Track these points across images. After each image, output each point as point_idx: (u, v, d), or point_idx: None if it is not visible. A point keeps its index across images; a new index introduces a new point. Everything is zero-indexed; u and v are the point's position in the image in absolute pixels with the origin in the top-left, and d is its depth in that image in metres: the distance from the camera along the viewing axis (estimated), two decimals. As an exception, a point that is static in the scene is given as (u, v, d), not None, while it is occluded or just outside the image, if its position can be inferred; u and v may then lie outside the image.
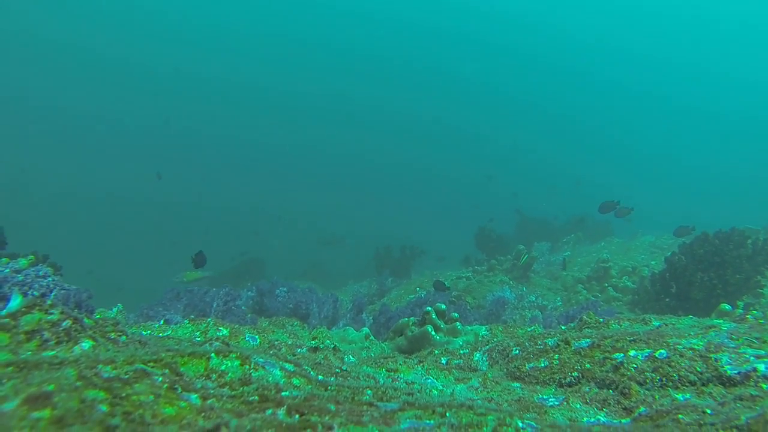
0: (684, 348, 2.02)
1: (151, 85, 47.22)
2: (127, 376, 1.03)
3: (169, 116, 43.03)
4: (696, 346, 2.02)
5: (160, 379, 1.12)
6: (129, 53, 45.12)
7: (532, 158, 49.28)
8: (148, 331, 3.11)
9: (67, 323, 1.35)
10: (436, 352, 3.08)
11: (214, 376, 1.33)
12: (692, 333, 2.25)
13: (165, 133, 45.50)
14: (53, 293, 2.92)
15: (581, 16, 49.96)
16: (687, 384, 1.84)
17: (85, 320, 1.45)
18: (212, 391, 1.20)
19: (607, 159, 52.10)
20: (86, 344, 1.34)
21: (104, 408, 0.85)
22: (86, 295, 3.10)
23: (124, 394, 0.93)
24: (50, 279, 3.02)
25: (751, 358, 1.83)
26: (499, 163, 48.75)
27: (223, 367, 1.37)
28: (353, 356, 2.88)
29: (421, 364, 2.35)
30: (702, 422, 1.39)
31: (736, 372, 1.78)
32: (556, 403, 1.86)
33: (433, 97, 52.59)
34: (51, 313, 1.34)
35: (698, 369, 1.87)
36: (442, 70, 52.70)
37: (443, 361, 2.83)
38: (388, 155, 49.92)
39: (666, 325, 2.76)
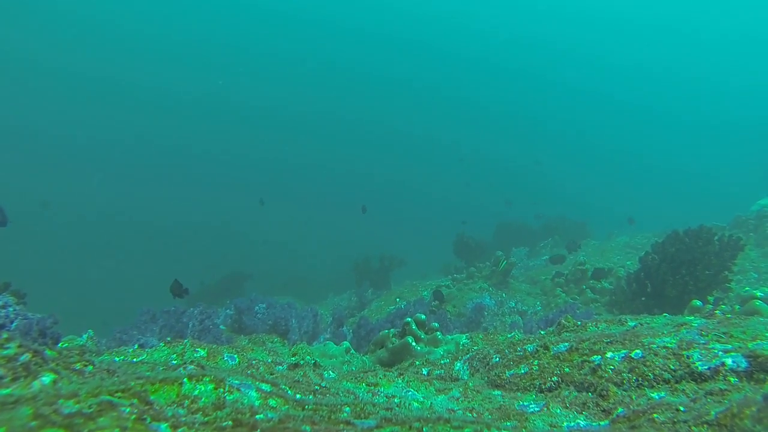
0: (658, 347, 2.06)
1: (134, 102, 46.35)
2: (90, 410, 0.99)
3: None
4: (669, 345, 2.06)
5: (128, 410, 1.07)
6: (108, 69, 44.24)
7: (507, 164, 50.12)
8: (121, 357, 3.01)
9: (26, 357, 1.29)
10: (417, 363, 3.06)
11: (186, 402, 1.29)
12: (666, 331, 2.30)
13: (144, 151, 44.70)
14: (14, 323, 2.79)
15: (559, 27, 51.31)
16: (662, 382, 1.88)
17: (47, 352, 1.39)
18: (184, 419, 1.16)
19: (580, 162, 53.41)
20: (47, 378, 1.28)
21: (63, 446, 0.81)
22: (51, 321, 2.97)
23: (86, 431, 0.89)
24: (11, 309, 2.88)
25: (720, 353, 1.88)
26: (476, 170, 49.49)
27: (196, 392, 1.33)
28: (333, 371, 2.84)
29: (402, 377, 2.33)
30: (676, 420, 1.41)
31: (706, 368, 1.83)
32: (537, 409, 1.87)
33: (410, 109, 53.12)
34: (7, 348, 1.28)
35: (672, 367, 1.91)
36: (420, 82, 53.31)
37: (424, 372, 2.82)
38: (366, 168, 50.06)
39: (641, 324, 2.82)
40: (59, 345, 3.25)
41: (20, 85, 41.16)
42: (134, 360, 2.92)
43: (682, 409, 1.49)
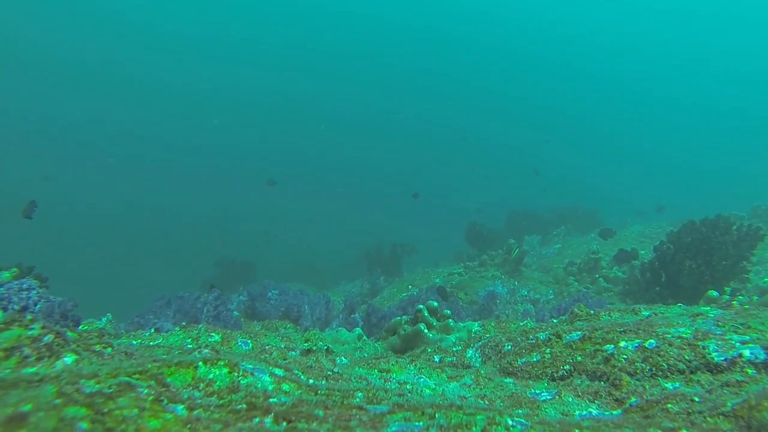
0: (673, 337, 2.04)
1: (145, 95, 46.70)
2: (110, 390, 1.01)
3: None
4: (684, 335, 2.04)
5: (146, 391, 1.10)
6: (113, 60, 44.55)
7: (519, 153, 49.58)
8: (138, 341, 3.07)
9: (49, 338, 1.33)
10: (429, 350, 3.08)
11: (201, 385, 1.31)
12: (681, 321, 2.27)
13: (156, 143, 45.15)
14: (38, 306, 2.87)
15: (569, 13, 50.18)
16: (676, 373, 1.86)
17: (69, 333, 1.43)
18: (199, 401, 1.18)
19: (594, 152, 52.59)
20: (69, 359, 1.31)
21: (84, 425, 0.83)
22: (71, 304, 3.05)
23: (106, 410, 0.91)
24: (35, 291, 2.96)
25: (737, 344, 1.85)
26: (485, 158, 49.07)
27: (211, 376, 1.35)
28: (346, 357, 2.86)
29: (414, 363, 2.35)
30: (690, 411, 1.40)
31: (722, 359, 1.80)
32: (549, 397, 1.87)
33: (420, 97, 52.66)
34: (31, 328, 1.31)
35: (686, 357, 1.89)
36: (428, 69, 52.73)
37: (436, 359, 2.84)
38: (378, 157, 49.93)
39: (655, 314, 2.79)
40: (80, 327, 3.33)
41: (26, 76, 41.67)
42: (150, 343, 2.98)
43: (697, 399, 1.48)
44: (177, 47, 47.14)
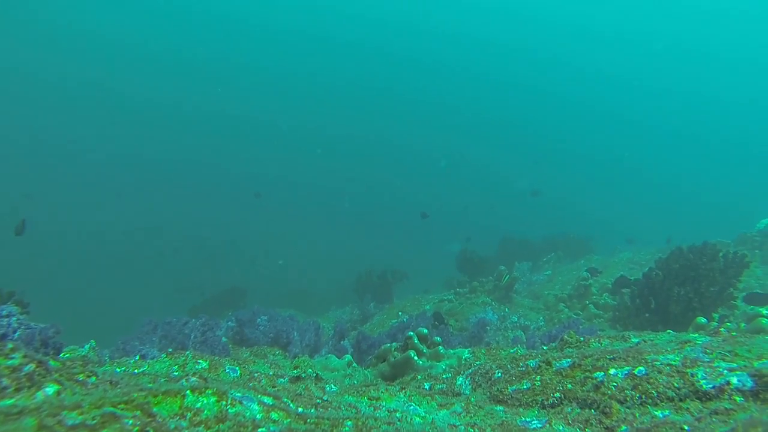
0: (662, 364, 2.05)
1: (133, 115, 46.85)
2: (94, 422, 0.99)
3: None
4: (673, 362, 2.05)
5: (131, 421, 1.08)
6: (107, 80, 44.86)
7: (510, 180, 50.18)
8: (123, 368, 3.01)
9: (30, 367, 1.30)
10: (419, 377, 3.04)
11: (189, 414, 1.29)
12: (669, 348, 2.29)
13: (145, 165, 45.03)
14: (17, 333, 2.80)
15: (561, 37, 51.68)
16: (665, 400, 1.86)
17: (51, 362, 1.40)
18: (186, 431, 1.16)
19: (582, 178, 53.37)
20: (51, 389, 1.28)
21: (67, 456, 0.81)
22: (53, 331, 2.98)
23: (89, 441, 0.89)
24: (15, 318, 2.89)
25: (725, 371, 1.86)
26: (477, 187, 49.60)
27: (198, 405, 1.33)
28: (335, 385, 2.82)
29: (404, 391, 2.32)
30: (680, 439, 1.40)
31: (711, 386, 1.81)
32: (539, 425, 1.86)
33: (410, 123, 53.48)
34: (12, 357, 1.29)
35: (676, 385, 1.90)
36: (419, 95, 53.70)
37: (426, 387, 2.80)
38: (369, 183, 50.19)
39: (645, 341, 2.80)
40: (61, 355, 3.25)
41: (20, 97, 41.74)
42: (136, 371, 2.91)
43: (686, 428, 1.48)
44: (164, 67, 47.64)
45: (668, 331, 3.17)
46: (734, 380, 1.79)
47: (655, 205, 48.45)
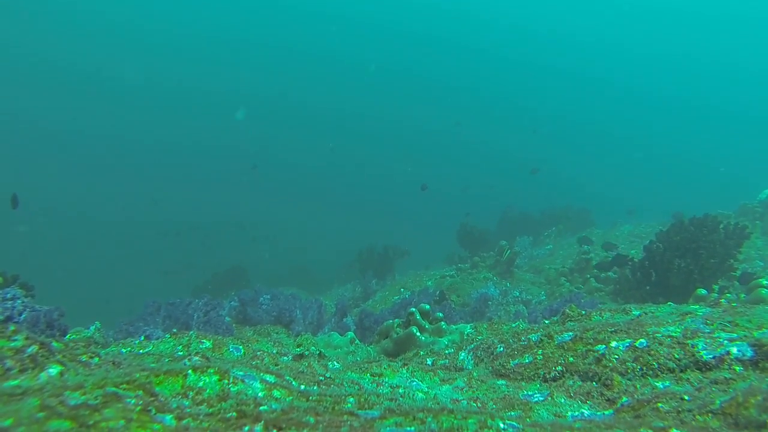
0: (663, 336, 2.06)
1: (135, 99, 46.28)
2: (96, 402, 0.99)
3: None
4: (674, 334, 2.06)
5: (133, 401, 1.08)
6: (107, 65, 44.16)
7: (510, 155, 49.88)
8: (128, 349, 3.03)
9: (33, 349, 1.30)
10: (422, 353, 3.07)
11: (191, 393, 1.29)
12: (670, 320, 2.29)
13: (146, 148, 44.77)
14: (23, 315, 2.82)
15: (562, 14, 50.63)
16: (666, 371, 1.87)
17: (54, 344, 1.40)
18: (188, 410, 1.17)
19: (584, 151, 53.03)
20: (54, 370, 1.29)
21: (69, 438, 0.82)
22: (57, 313, 3.00)
23: (91, 422, 0.89)
24: (19, 301, 2.91)
25: (725, 342, 1.87)
26: (479, 161, 49.34)
27: (200, 384, 1.34)
28: (338, 362, 2.85)
29: (406, 367, 2.34)
30: (680, 409, 1.41)
31: (711, 357, 1.82)
32: (541, 398, 1.87)
33: (412, 100, 52.82)
34: (14, 339, 1.29)
35: (676, 356, 1.90)
36: (418, 73, 52.92)
37: (429, 362, 2.83)
38: (368, 160, 49.94)
39: (645, 313, 2.81)
40: (67, 337, 3.28)
41: (21, 82, 41.18)
42: (140, 351, 2.94)
43: (686, 398, 1.49)
44: (169, 50, 46.90)
45: (669, 303, 3.18)
46: (734, 350, 1.80)
47: (657, 177, 48.26)
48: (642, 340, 2.07)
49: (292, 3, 47.70)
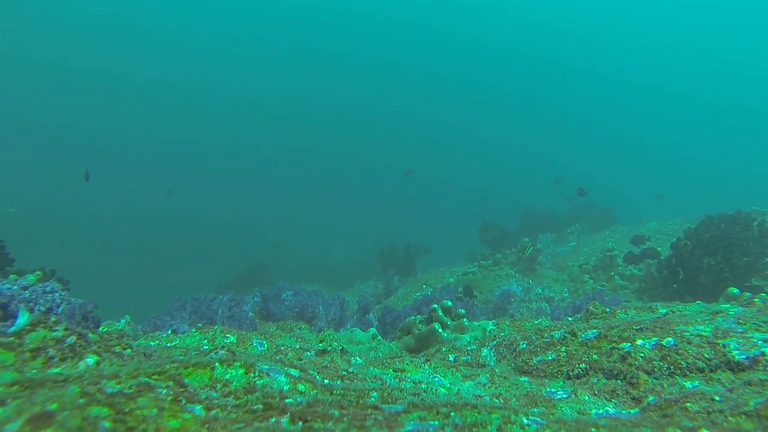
0: (691, 335, 2.01)
1: (157, 98, 47.36)
2: (130, 391, 1.03)
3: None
4: (703, 333, 2.01)
5: (164, 391, 1.12)
6: (119, 65, 45.27)
7: (533, 155, 49.18)
8: (156, 342, 3.12)
9: (72, 339, 1.36)
10: (444, 349, 3.07)
11: (218, 385, 1.33)
12: (699, 319, 2.24)
13: (172, 146, 45.79)
14: (60, 308, 2.94)
15: (576, 11, 49.66)
16: (695, 371, 1.83)
17: (90, 335, 1.46)
18: (216, 401, 1.20)
19: (608, 151, 51.89)
20: (91, 359, 1.34)
21: (107, 424, 0.85)
22: (92, 306, 3.11)
23: (127, 409, 0.93)
24: (57, 294, 3.03)
25: (759, 342, 1.82)
26: (499, 161, 48.82)
27: (227, 376, 1.37)
28: (361, 357, 2.88)
29: (429, 363, 2.35)
30: (711, 410, 1.38)
31: (744, 357, 1.77)
32: (565, 396, 1.86)
33: (432, 98, 52.59)
34: (55, 330, 1.35)
35: (706, 356, 1.86)
36: (438, 70, 52.61)
37: (451, 359, 2.83)
38: (393, 158, 49.93)
39: (673, 312, 2.75)
40: (100, 329, 3.40)
41: (26, 80, 42.48)
42: (168, 345, 3.02)
43: (717, 398, 1.46)
44: (175, 49, 47.71)
45: (698, 302, 3.10)
46: (769, 351, 1.74)
47: (686, 174, 46.88)
48: (669, 338, 2.02)
49: (315, 5, 47.97)
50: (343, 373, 2.04)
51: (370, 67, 52.69)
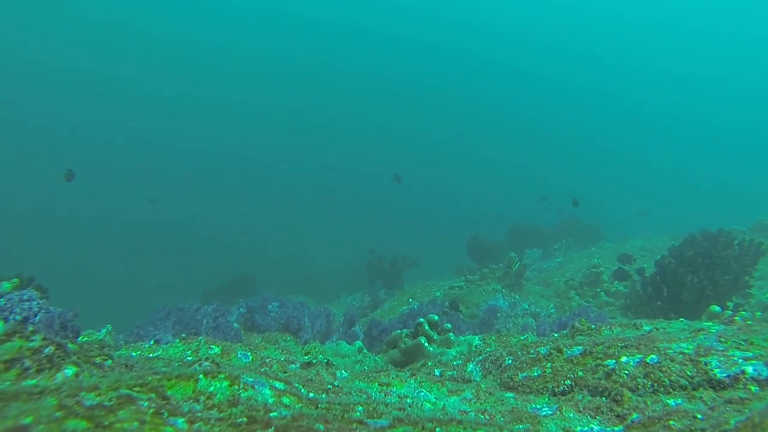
0: (674, 352, 2.03)
1: (146, 104, 47.05)
2: (110, 403, 1.01)
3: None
4: (686, 350, 2.03)
5: (146, 404, 1.10)
6: (111, 68, 45.02)
7: (519, 169, 49.78)
8: (138, 352, 3.06)
9: (50, 349, 1.33)
10: (430, 363, 3.06)
11: (202, 398, 1.31)
12: (682, 337, 2.26)
13: (156, 152, 45.40)
14: (38, 317, 2.87)
15: (565, 28, 50.83)
16: (678, 389, 1.85)
17: (69, 345, 1.43)
18: (200, 414, 1.18)
19: (594, 167, 52.72)
20: (69, 371, 1.31)
21: (85, 438, 0.83)
22: (71, 314, 3.04)
23: (107, 423, 0.91)
24: (35, 302, 2.96)
25: (740, 360, 1.84)
26: (489, 173, 49.29)
27: (211, 389, 1.35)
28: (346, 371, 2.85)
29: (414, 377, 2.34)
30: (693, 428, 1.39)
31: (725, 375, 1.80)
32: (550, 412, 1.86)
33: (423, 110, 53.09)
34: (32, 340, 1.32)
35: (689, 373, 1.88)
36: (427, 82, 53.26)
37: (437, 373, 2.82)
38: (382, 169, 50.05)
39: (657, 329, 2.78)
40: (79, 338, 3.32)
41: (24, 84, 42.04)
42: (150, 355, 2.96)
43: (699, 416, 1.47)
44: (181, 57, 47.71)
45: (681, 319, 3.14)
46: (749, 369, 1.77)
47: (669, 192, 47.75)
48: (653, 356, 2.05)
49: (305, 14, 48.39)
50: (329, 386, 2.02)
51: (360, 78, 53.10)
